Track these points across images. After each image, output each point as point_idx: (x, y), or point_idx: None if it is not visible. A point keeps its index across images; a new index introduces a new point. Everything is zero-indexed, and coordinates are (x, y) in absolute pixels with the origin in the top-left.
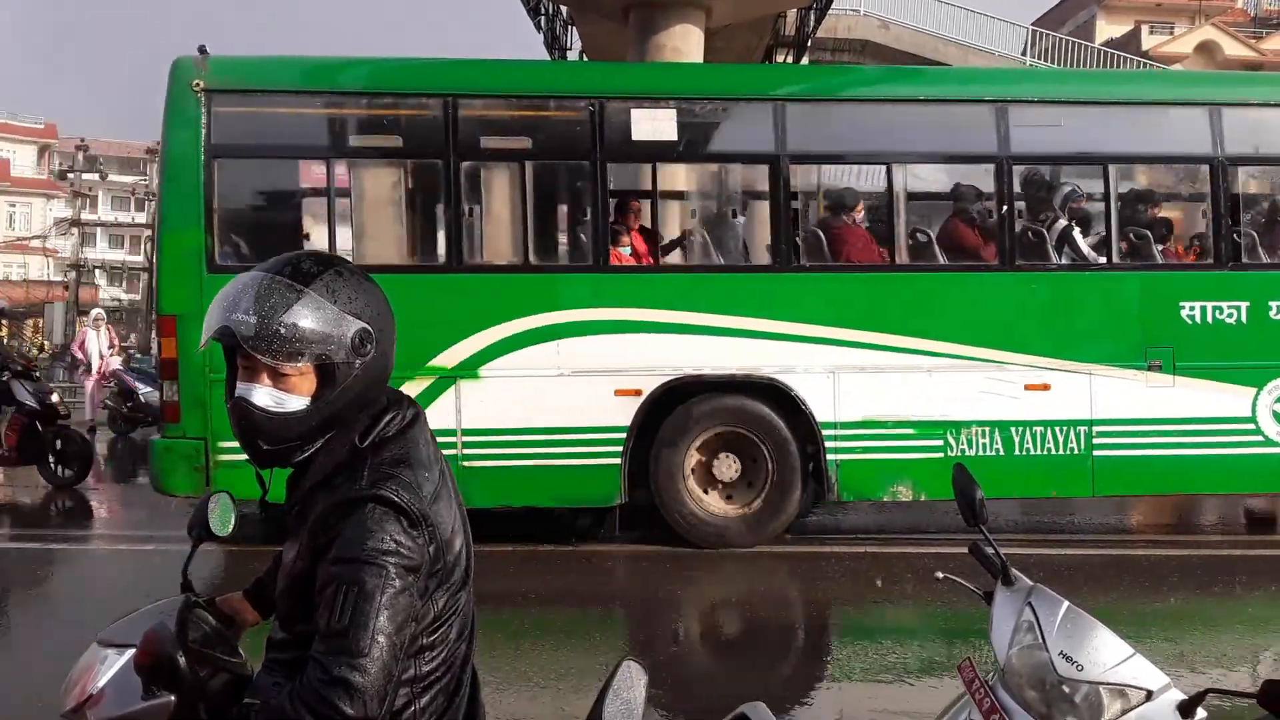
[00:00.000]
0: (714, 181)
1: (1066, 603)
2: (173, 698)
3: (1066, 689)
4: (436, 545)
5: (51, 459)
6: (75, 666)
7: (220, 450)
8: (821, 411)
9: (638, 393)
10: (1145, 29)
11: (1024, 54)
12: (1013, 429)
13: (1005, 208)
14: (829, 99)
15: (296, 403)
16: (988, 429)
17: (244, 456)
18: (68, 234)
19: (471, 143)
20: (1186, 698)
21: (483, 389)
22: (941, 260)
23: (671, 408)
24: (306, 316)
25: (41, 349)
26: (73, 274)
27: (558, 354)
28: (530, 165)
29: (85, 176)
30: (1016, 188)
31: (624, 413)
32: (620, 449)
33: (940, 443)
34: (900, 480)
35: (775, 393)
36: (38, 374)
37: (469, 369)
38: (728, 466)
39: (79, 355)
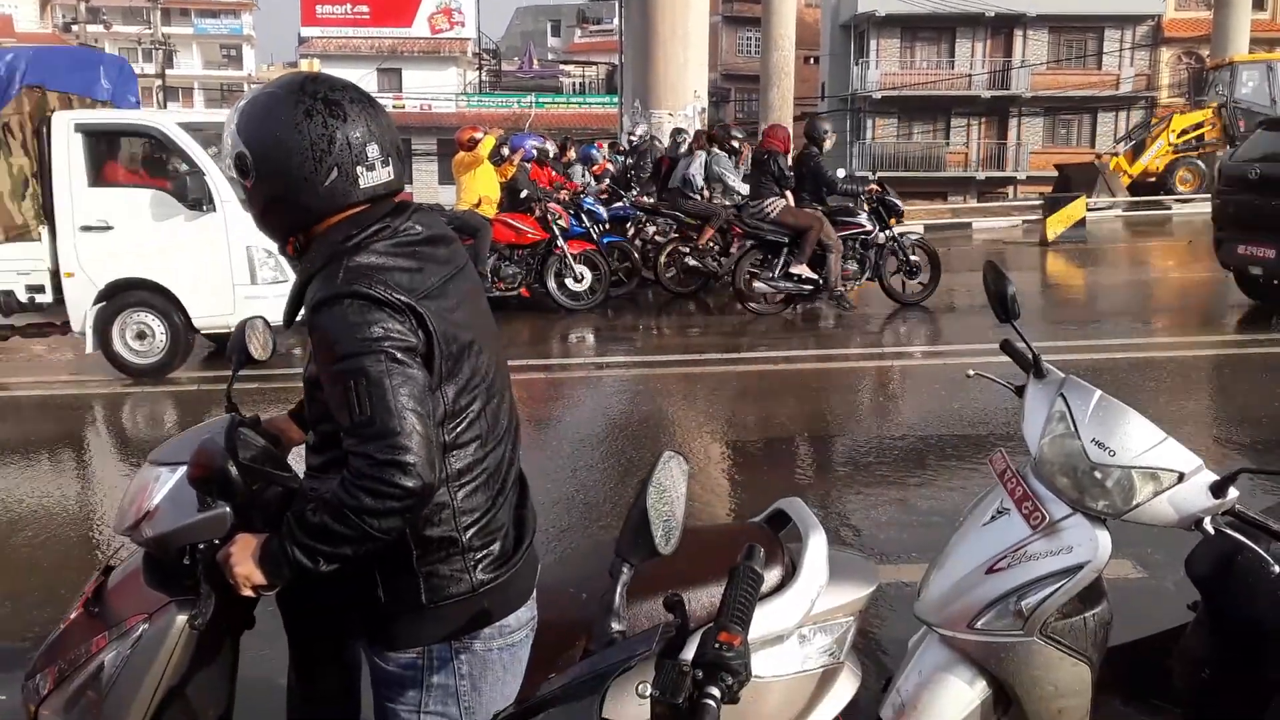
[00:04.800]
0: None
1: (1099, 392)
2: (227, 508)
3: (1098, 474)
4: (428, 333)
5: None
6: (130, 487)
7: None
8: None
9: None
10: None
11: None
12: None
13: None
14: None
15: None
16: None
17: None
18: None
19: None
20: (1219, 478)
21: None
22: None
23: None
24: (228, 125)
25: None
26: None
27: None
28: None
29: (90, 28)
30: None
31: None
32: None
33: None
34: None
35: None
36: None
37: None
38: None
39: None
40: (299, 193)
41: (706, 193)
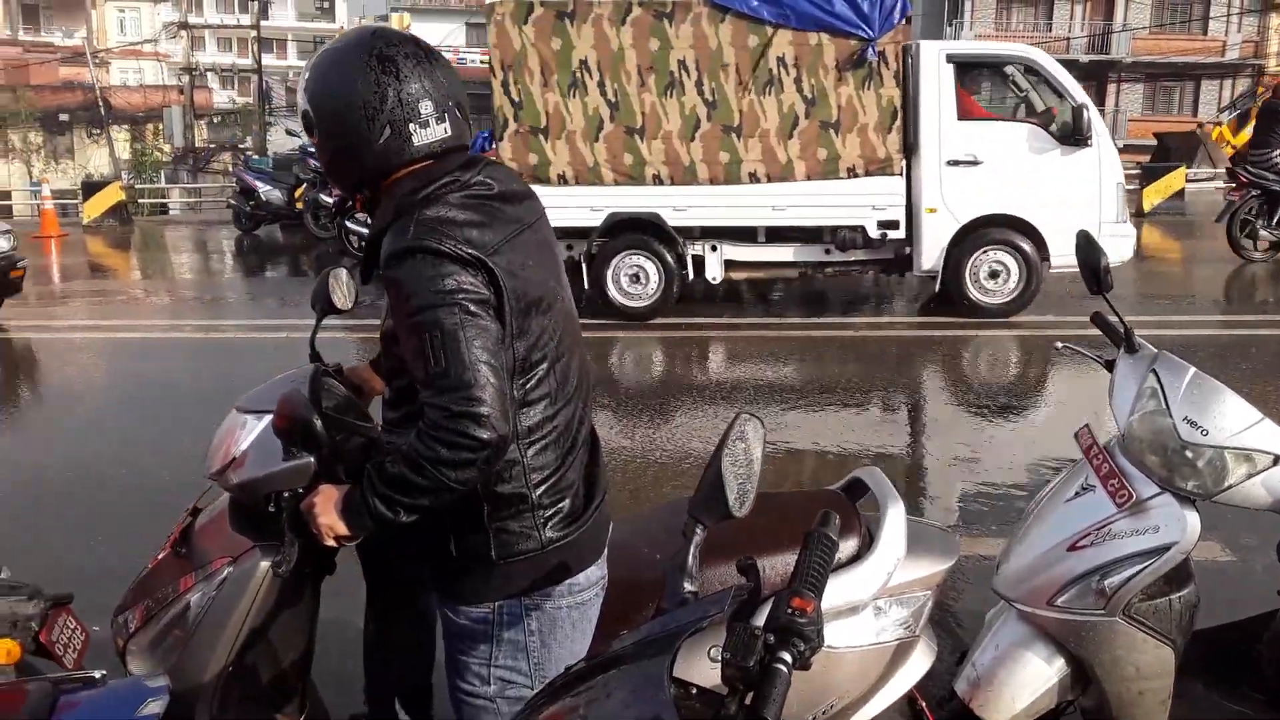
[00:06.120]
0: None
1: (1193, 369)
2: (311, 459)
3: (1190, 454)
4: (498, 289)
5: None
6: (217, 432)
7: None
8: None
9: None
10: None
11: None
12: None
13: None
14: None
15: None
16: None
17: None
18: (176, 37)
19: None
20: None
21: None
22: None
23: None
24: (300, 81)
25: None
26: (186, 78)
27: None
28: None
29: None
30: None
31: None
32: None
33: None
34: None
35: None
36: None
37: None
38: None
39: None
40: (356, 149)
41: None
